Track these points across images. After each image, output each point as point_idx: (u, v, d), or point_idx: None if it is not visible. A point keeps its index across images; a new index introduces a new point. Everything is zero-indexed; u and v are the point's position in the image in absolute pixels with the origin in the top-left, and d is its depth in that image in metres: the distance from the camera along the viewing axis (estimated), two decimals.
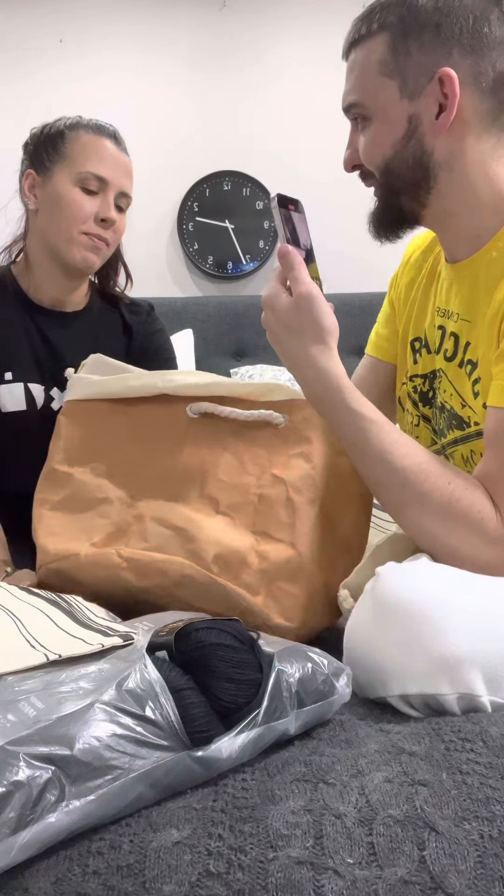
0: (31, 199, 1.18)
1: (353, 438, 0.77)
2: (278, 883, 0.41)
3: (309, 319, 0.77)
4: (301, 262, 0.79)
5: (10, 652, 0.58)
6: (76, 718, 0.46)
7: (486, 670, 0.59)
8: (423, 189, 0.84)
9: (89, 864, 0.42)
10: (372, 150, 0.84)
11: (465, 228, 0.86)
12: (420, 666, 0.59)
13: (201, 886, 0.41)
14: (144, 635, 0.60)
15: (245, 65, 2.83)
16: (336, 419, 0.79)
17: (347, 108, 0.87)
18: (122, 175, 1.17)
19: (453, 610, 0.61)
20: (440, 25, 0.78)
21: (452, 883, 0.41)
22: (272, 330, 0.81)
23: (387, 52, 0.81)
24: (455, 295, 0.91)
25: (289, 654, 0.58)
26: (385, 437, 0.76)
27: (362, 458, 0.78)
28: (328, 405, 0.79)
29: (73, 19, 2.78)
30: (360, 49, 0.84)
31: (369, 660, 0.63)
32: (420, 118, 0.80)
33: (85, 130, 1.16)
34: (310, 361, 0.78)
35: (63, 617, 0.69)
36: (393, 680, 0.60)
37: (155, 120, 2.82)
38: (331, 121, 2.78)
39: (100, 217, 1.14)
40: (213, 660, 0.54)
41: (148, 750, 0.47)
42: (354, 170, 0.90)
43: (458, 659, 0.58)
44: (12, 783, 0.41)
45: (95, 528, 0.89)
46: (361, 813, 0.45)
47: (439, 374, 0.94)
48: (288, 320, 0.79)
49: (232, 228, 2.88)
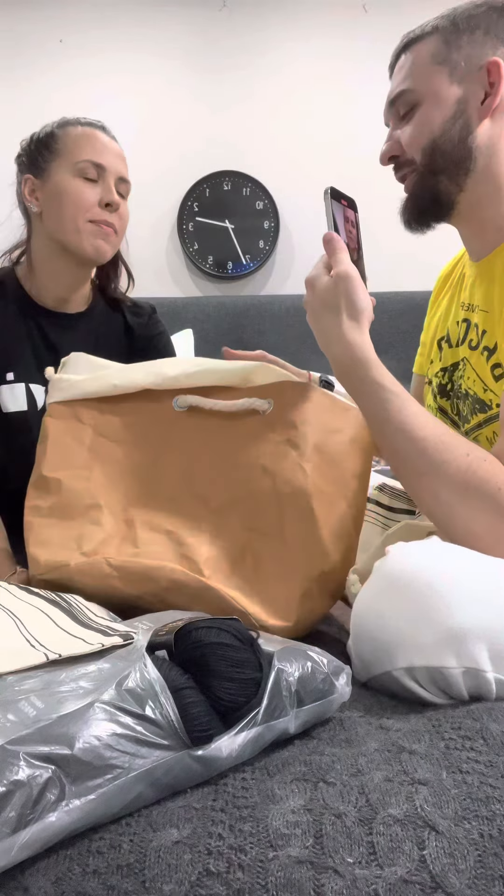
0: (33, 202, 1.18)
1: (374, 409, 0.80)
2: (278, 882, 0.41)
3: (345, 297, 0.81)
4: (343, 247, 0.83)
5: (10, 651, 0.58)
6: (76, 718, 0.46)
7: (493, 646, 0.59)
8: (462, 171, 0.91)
9: (89, 864, 0.42)
10: (420, 131, 0.91)
11: (491, 220, 0.93)
12: (427, 638, 0.59)
13: (201, 886, 0.41)
14: (144, 635, 0.60)
15: (245, 65, 2.83)
16: (360, 391, 0.81)
17: (396, 98, 0.94)
18: (118, 160, 1.18)
19: (462, 585, 0.61)
20: (489, 27, 0.89)
21: (452, 882, 0.41)
22: (311, 308, 0.84)
23: (440, 44, 0.90)
24: (478, 288, 0.97)
25: (288, 653, 0.58)
26: (406, 409, 0.78)
27: (382, 429, 0.79)
28: (354, 378, 0.81)
29: (73, 19, 2.78)
30: (411, 50, 0.93)
31: (377, 632, 0.63)
32: (467, 101, 0.89)
33: (74, 125, 1.18)
34: (341, 337, 0.81)
35: (63, 616, 0.69)
36: (399, 652, 0.61)
37: (155, 120, 2.82)
38: (331, 121, 2.79)
39: (104, 202, 1.15)
40: (213, 659, 0.54)
41: (148, 749, 0.47)
42: (390, 162, 0.97)
43: (466, 632, 0.59)
44: (12, 782, 0.41)
45: (86, 536, 0.88)
46: (361, 812, 0.45)
47: (462, 363, 0.99)
48: (326, 298, 0.82)
49: (232, 228, 2.88)
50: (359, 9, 2.72)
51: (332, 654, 0.62)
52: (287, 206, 2.84)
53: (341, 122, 2.76)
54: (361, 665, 0.66)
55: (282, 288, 2.89)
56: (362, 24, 2.73)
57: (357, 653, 0.66)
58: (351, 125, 2.74)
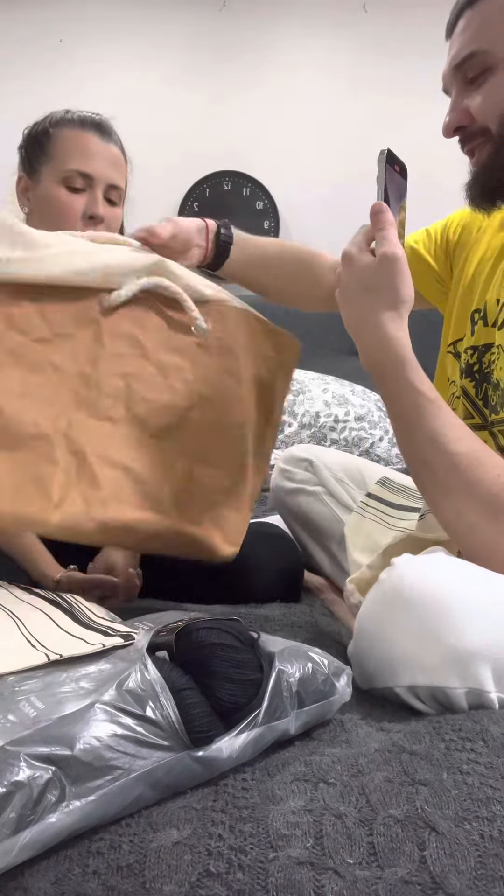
0: (25, 202, 1.18)
1: (405, 413, 0.75)
2: (278, 883, 0.41)
3: (389, 283, 0.74)
4: (392, 223, 0.76)
5: (11, 652, 0.58)
6: (76, 718, 0.46)
7: (497, 666, 0.58)
8: None
9: (89, 864, 0.42)
10: (497, 97, 0.82)
11: None
12: (432, 658, 0.58)
13: (201, 886, 0.41)
14: (145, 635, 0.60)
15: (245, 65, 2.83)
16: (392, 390, 0.76)
17: (463, 61, 0.84)
18: (108, 168, 1.14)
19: (470, 604, 0.60)
20: None
21: (453, 883, 0.41)
22: (345, 286, 0.77)
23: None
24: None
25: (289, 653, 0.58)
26: (441, 417, 0.73)
27: (411, 436, 0.75)
28: (386, 375, 0.75)
29: (73, 19, 2.78)
30: (475, 7, 0.83)
31: (381, 648, 0.62)
32: None
33: (69, 126, 1.14)
34: (377, 327, 0.75)
35: (63, 617, 0.69)
36: (403, 670, 0.60)
37: (155, 120, 2.82)
38: (331, 120, 2.79)
39: (87, 214, 1.12)
40: (214, 660, 0.54)
41: (148, 750, 0.47)
42: (456, 133, 0.87)
43: (471, 654, 0.58)
44: (13, 783, 0.41)
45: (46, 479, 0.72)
46: (362, 813, 0.45)
47: (497, 349, 0.92)
48: (366, 279, 0.75)
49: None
50: (359, 9, 2.72)
51: (333, 655, 0.62)
52: (287, 207, 2.83)
53: (342, 122, 2.76)
54: (362, 677, 0.65)
55: None
56: (362, 24, 2.73)
57: (359, 665, 0.65)
58: (351, 125, 2.74)
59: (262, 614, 0.92)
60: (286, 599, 1.02)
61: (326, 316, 1.66)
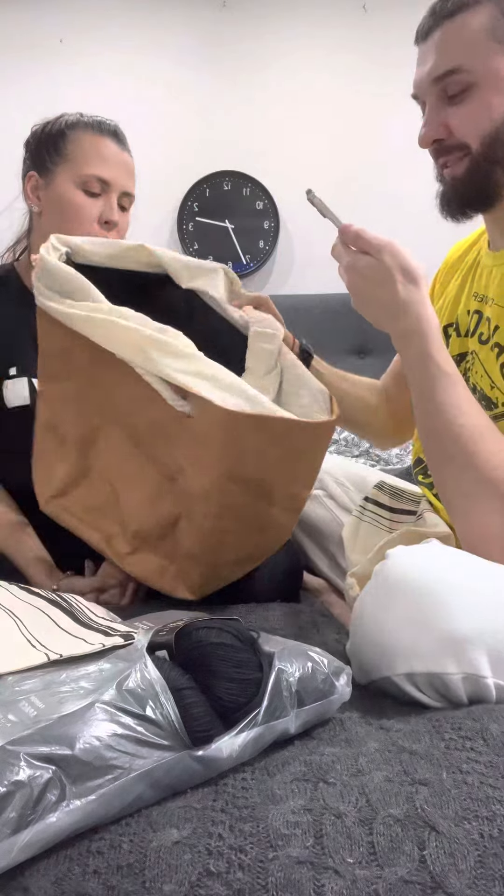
0: (34, 201, 1.18)
1: (421, 384, 0.78)
2: (278, 882, 0.41)
3: (396, 263, 0.78)
4: (364, 228, 0.80)
5: (11, 652, 0.58)
6: (77, 718, 0.46)
7: (493, 652, 0.59)
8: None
9: (89, 864, 0.42)
10: (478, 116, 0.83)
11: None
12: (427, 644, 0.59)
13: (201, 886, 0.41)
14: (145, 635, 0.60)
15: (245, 65, 2.83)
16: (414, 363, 0.79)
17: (444, 75, 0.84)
18: (124, 175, 1.17)
19: (462, 590, 0.61)
20: None
21: (452, 882, 0.41)
22: (358, 292, 0.81)
23: (498, 17, 0.81)
24: (493, 280, 0.93)
25: (289, 653, 0.58)
26: (453, 391, 0.77)
27: (425, 406, 0.78)
28: (412, 350, 0.79)
29: (73, 19, 2.78)
30: (455, 20, 0.83)
31: (377, 638, 0.63)
32: None
33: (85, 130, 1.16)
34: (401, 309, 0.78)
35: (63, 616, 0.69)
36: (400, 658, 0.60)
37: (155, 120, 2.82)
38: (331, 120, 2.79)
39: (103, 219, 1.14)
40: (214, 659, 0.54)
41: (148, 749, 0.47)
42: (432, 145, 0.89)
43: (466, 638, 0.58)
44: (13, 783, 0.41)
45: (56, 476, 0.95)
46: (361, 812, 0.45)
47: (471, 356, 0.96)
48: (372, 275, 0.79)
49: (232, 228, 2.88)
50: (359, 9, 2.72)
51: (333, 655, 0.62)
52: (287, 206, 2.83)
53: (342, 122, 2.76)
54: (361, 669, 0.65)
55: (282, 288, 2.89)
56: (362, 24, 2.73)
57: (356, 657, 0.66)
58: (351, 124, 2.74)
59: (262, 614, 0.91)
60: (286, 600, 1.02)
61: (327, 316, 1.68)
